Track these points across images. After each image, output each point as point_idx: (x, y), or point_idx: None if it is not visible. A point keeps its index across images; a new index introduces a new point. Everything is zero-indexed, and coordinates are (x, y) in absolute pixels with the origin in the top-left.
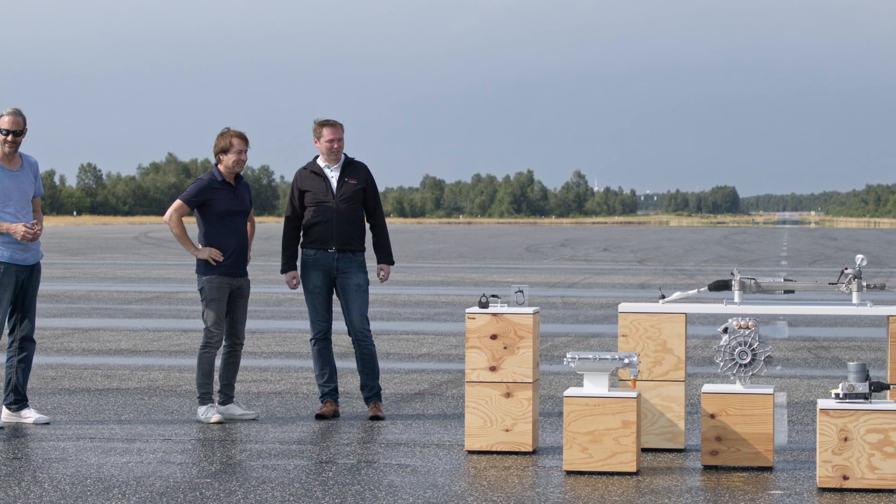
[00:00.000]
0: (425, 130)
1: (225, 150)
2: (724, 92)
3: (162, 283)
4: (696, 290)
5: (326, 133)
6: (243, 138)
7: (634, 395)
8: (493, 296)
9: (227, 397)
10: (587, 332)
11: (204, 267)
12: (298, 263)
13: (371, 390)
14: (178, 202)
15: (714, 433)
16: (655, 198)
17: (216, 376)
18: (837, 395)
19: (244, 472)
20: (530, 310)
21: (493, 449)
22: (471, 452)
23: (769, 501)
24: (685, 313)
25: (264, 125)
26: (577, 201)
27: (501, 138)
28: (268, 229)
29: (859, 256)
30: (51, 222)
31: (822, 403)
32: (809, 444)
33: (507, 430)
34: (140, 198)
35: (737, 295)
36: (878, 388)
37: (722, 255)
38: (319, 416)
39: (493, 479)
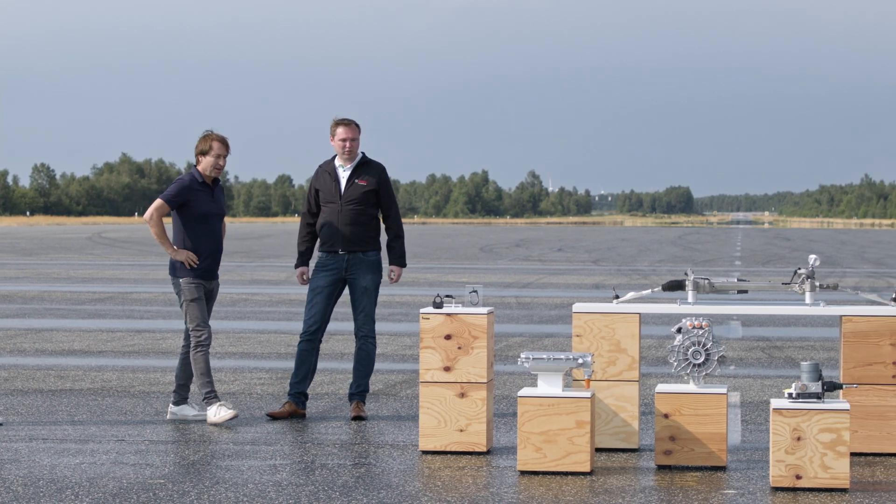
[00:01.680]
0: (379, 130)
1: (204, 153)
2: (679, 93)
3: (115, 284)
4: (650, 291)
5: (340, 132)
6: (224, 143)
7: (588, 395)
8: (447, 296)
9: (181, 398)
10: (541, 332)
11: (180, 269)
12: (312, 262)
13: (358, 387)
14: (158, 201)
15: (668, 433)
16: (610, 198)
17: (174, 378)
18: (790, 395)
19: (198, 473)
20: (485, 310)
21: (448, 449)
22: (425, 453)
23: (723, 501)
24: (639, 313)
25: (218, 125)
26: (531, 201)
27: (456, 139)
28: None
29: (812, 257)
30: (3, 223)
31: (775, 403)
32: (763, 443)
33: (461, 431)
34: (94, 198)
35: (690, 295)
36: (831, 387)
37: (676, 255)
38: (271, 416)
39: (448, 479)
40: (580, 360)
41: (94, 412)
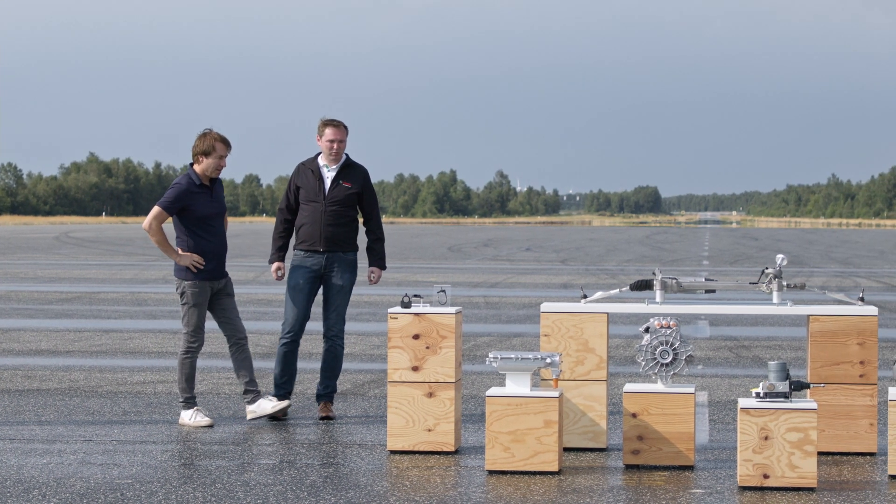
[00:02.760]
0: (350, 129)
1: (206, 153)
2: (646, 93)
3: (83, 284)
4: (617, 290)
5: (328, 133)
6: (226, 143)
7: (556, 394)
8: (415, 296)
9: (255, 394)
10: (509, 331)
11: (185, 271)
12: (288, 257)
13: (326, 388)
14: (156, 209)
15: (635, 432)
16: (578, 198)
17: (238, 379)
18: (758, 395)
19: (165, 473)
20: (453, 310)
21: (416, 449)
22: (393, 452)
23: (690, 500)
24: (607, 313)
25: (185, 124)
26: (499, 201)
27: (425, 138)
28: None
29: (780, 256)
30: None
31: (742, 402)
32: (730, 443)
33: (429, 430)
34: (61, 198)
35: (658, 294)
36: (799, 387)
37: (644, 254)
38: (328, 418)
39: (416, 479)
40: (548, 360)
41: (61, 412)
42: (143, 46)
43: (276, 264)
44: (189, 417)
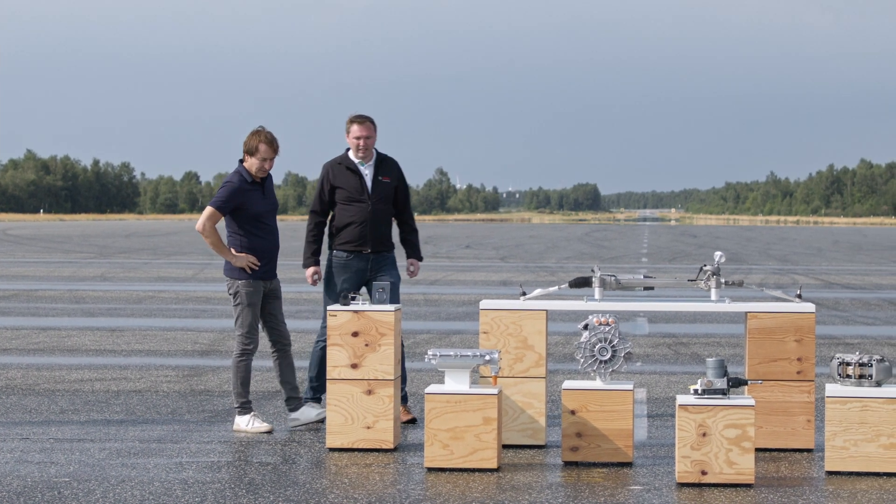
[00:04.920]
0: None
1: (251, 153)
2: (586, 92)
3: (20, 281)
4: (557, 287)
5: (354, 130)
6: (272, 146)
7: (495, 391)
8: (354, 294)
9: (297, 402)
10: (449, 329)
11: (238, 270)
12: (323, 260)
13: (401, 391)
14: (209, 210)
15: (574, 429)
16: (518, 195)
17: (280, 386)
18: (696, 391)
19: (103, 471)
20: (392, 307)
21: (355, 446)
22: (332, 450)
23: (629, 497)
24: (546, 310)
25: (124, 121)
26: (439, 198)
27: None
28: (127, 226)
29: (718, 253)
30: None
31: (680, 399)
32: (669, 439)
33: (368, 428)
34: None
35: (597, 292)
36: (737, 383)
37: (583, 252)
38: (411, 421)
39: (355, 476)
40: (487, 357)
41: None
42: (82, 42)
43: (312, 269)
44: (246, 423)
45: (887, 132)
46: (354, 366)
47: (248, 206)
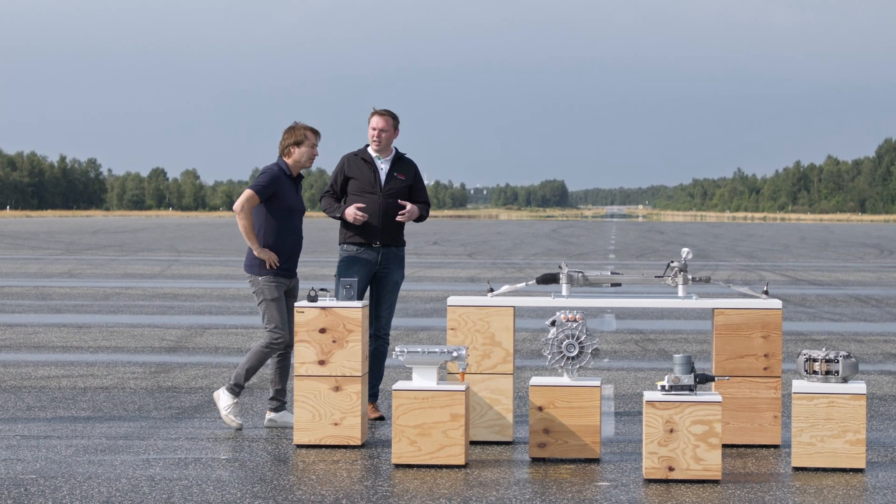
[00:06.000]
0: (252, 124)
1: (298, 143)
2: (553, 88)
3: None
4: (524, 284)
5: (373, 121)
6: (315, 132)
7: (463, 388)
8: (321, 290)
9: (280, 404)
10: (416, 325)
11: (259, 266)
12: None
13: (373, 388)
14: (249, 192)
15: (542, 425)
16: (485, 192)
17: (269, 384)
18: (663, 388)
19: (70, 468)
20: (359, 304)
21: (322, 443)
22: (300, 446)
23: (596, 493)
24: (513, 306)
25: (91, 117)
26: None
27: (329, 131)
28: (94, 223)
29: (685, 250)
30: None
31: (648, 395)
32: (636, 435)
33: (336, 424)
34: None
35: (564, 288)
36: (704, 380)
37: (551, 248)
38: (379, 419)
39: (322, 472)
40: (455, 354)
41: None
42: (49, 37)
43: (351, 208)
44: (225, 406)
45: (854, 129)
46: (322, 362)
47: (282, 197)
